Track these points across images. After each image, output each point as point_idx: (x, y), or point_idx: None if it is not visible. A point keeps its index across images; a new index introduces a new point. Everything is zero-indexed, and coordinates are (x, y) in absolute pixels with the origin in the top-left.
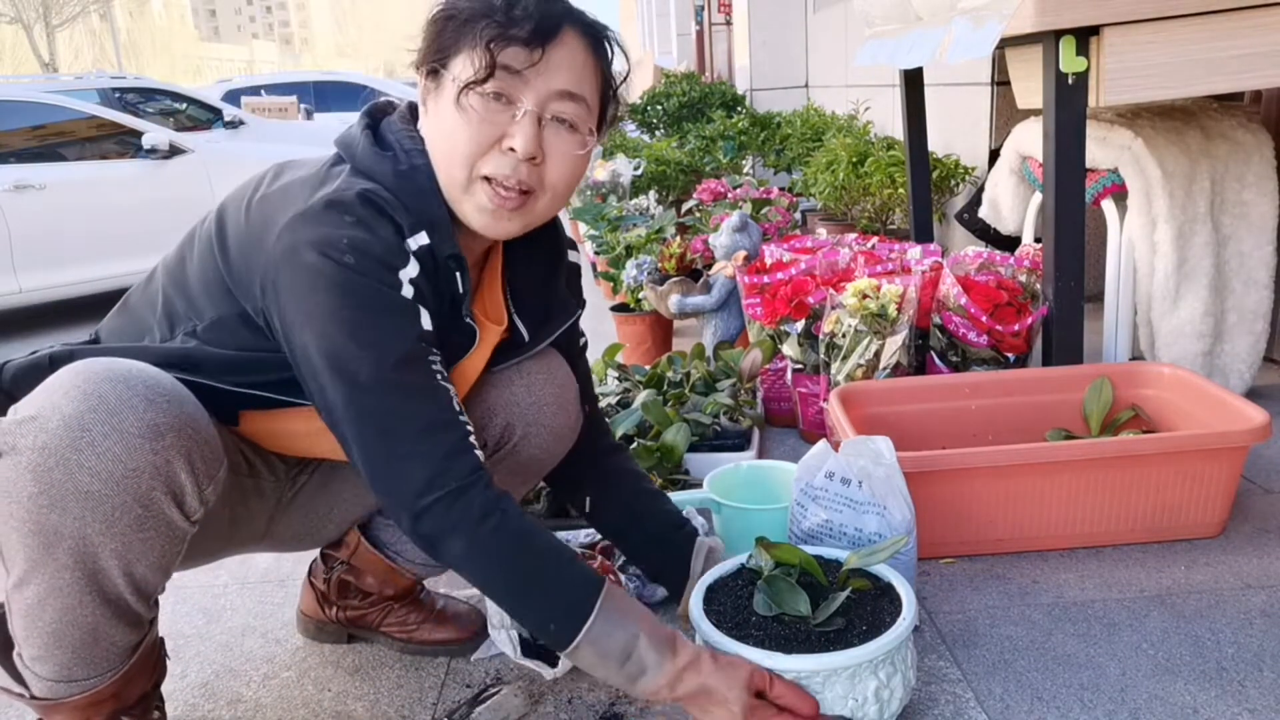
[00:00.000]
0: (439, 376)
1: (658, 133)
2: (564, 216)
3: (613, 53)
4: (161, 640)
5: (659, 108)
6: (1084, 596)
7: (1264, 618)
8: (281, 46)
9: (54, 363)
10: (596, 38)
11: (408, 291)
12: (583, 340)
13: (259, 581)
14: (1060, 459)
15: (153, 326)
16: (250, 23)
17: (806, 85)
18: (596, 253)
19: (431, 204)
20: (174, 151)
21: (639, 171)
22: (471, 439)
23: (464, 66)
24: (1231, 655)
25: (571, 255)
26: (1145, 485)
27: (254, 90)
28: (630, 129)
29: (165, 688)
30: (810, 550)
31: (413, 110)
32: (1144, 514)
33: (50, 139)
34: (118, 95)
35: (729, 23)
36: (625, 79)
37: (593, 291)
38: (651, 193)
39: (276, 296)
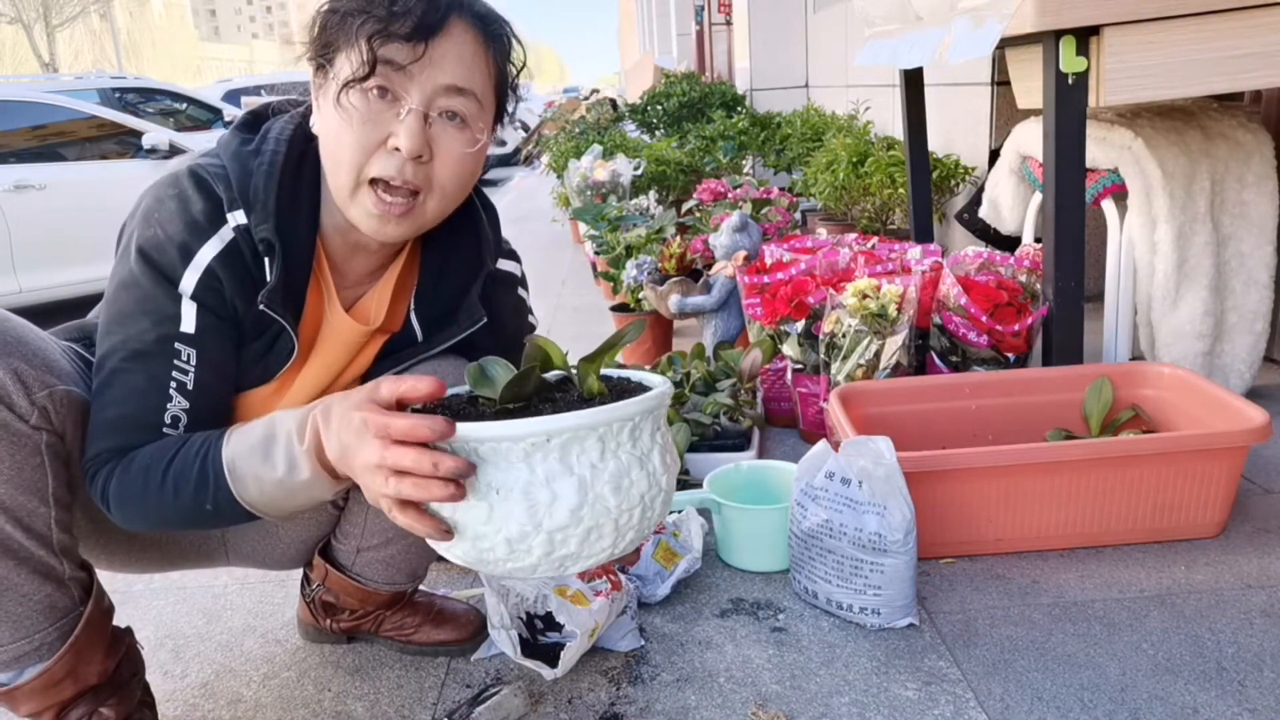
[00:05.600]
0: (171, 384)
1: (658, 133)
2: (564, 216)
3: (509, 43)
4: (128, 629)
5: (659, 108)
6: (1084, 596)
7: (1264, 618)
8: (281, 46)
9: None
10: (489, 28)
11: (187, 283)
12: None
13: (259, 581)
14: (1060, 459)
15: None
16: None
17: (806, 85)
18: (596, 253)
19: (258, 184)
20: (174, 151)
21: (639, 171)
22: (166, 418)
23: (344, 64)
24: (1231, 655)
25: (505, 265)
26: (1145, 485)
27: (254, 90)
28: (630, 129)
29: (165, 688)
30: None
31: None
32: (1144, 514)
33: (50, 139)
34: (118, 95)
35: (729, 23)
36: (521, 70)
37: (593, 291)
38: (651, 193)
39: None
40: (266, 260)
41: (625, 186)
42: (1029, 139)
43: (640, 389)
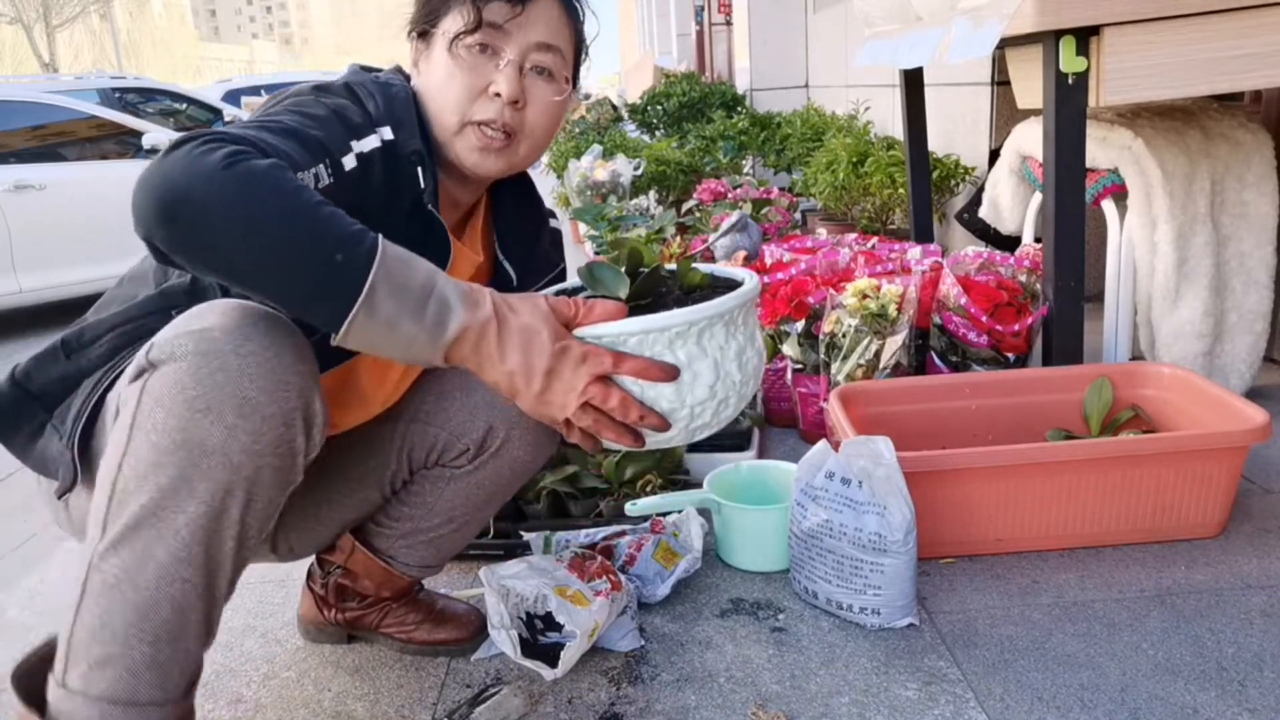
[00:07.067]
0: (319, 164)
1: (658, 133)
2: (564, 216)
3: (584, 13)
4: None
5: (659, 108)
6: (1084, 596)
7: (1264, 618)
8: (281, 46)
9: (65, 345)
10: (570, 2)
11: (350, 161)
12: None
13: (259, 582)
14: (1060, 459)
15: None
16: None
17: (806, 85)
18: (597, 253)
19: (401, 107)
20: None
21: (639, 171)
22: (296, 174)
23: (453, 21)
24: (1231, 655)
25: (552, 221)
26: (1145, 485)
27: (254, 90)
28: (630, 129)
29: None
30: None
31: (399, 70)
32: (1144, 514)
33: (50, 139)
34: (118, 95)
35: (729, 23)
36: (596, 38)
37: None
38: (651, 193)
39: None
40: (420, 170)
41: (625, 186)
42: (1029, 139)
43: (728, 281)
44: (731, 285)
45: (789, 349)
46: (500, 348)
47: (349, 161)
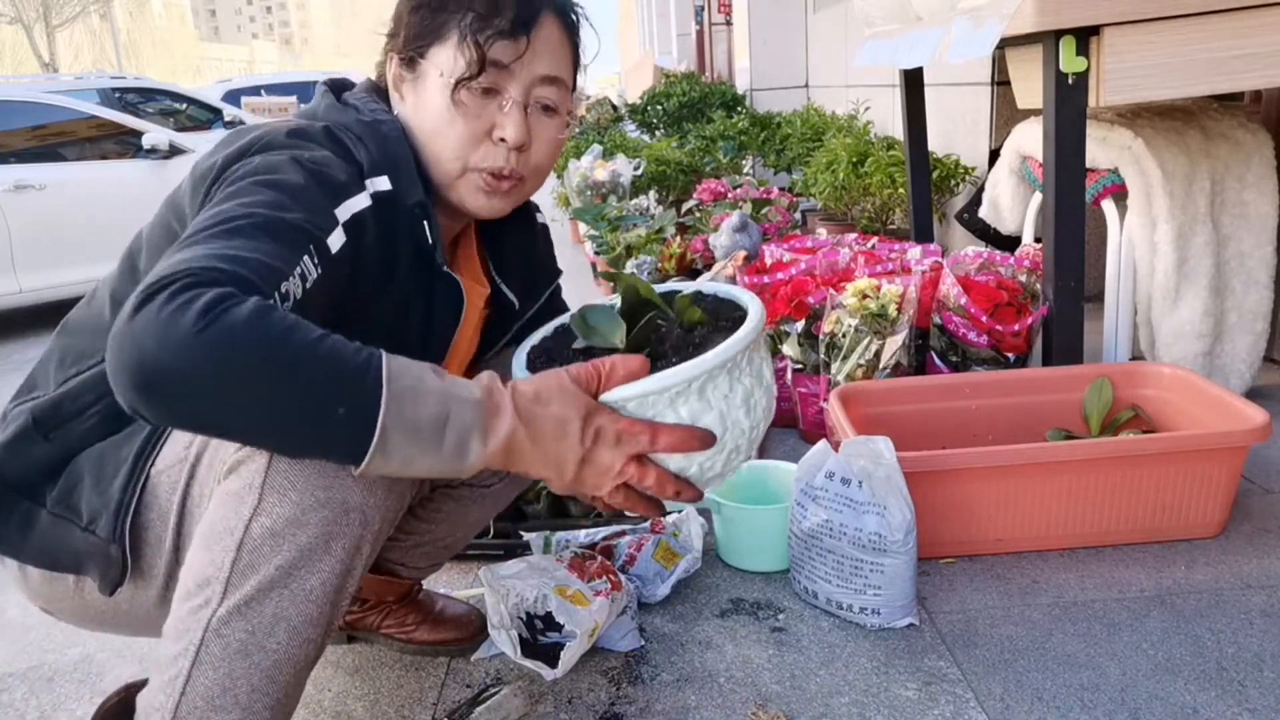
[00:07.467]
0: (298, 266)
1: (658, 133)
2: (564, 216)
3: (580, 27)
4: None
5: (659, 108)
6: (1084, 596)
7: (1264, 618)
8: (281, 46)
9: (38, 425)
10: (569, 17)
11: (344, 213)
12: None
13: None
14: (1060, 459)
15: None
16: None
17: (806, 85)
18: (596, 253)
19: (396, 150)
20: (174, 151)
21: (639, 171)
22: (280, 289)
23: (450, 60)
24: (1231, 655)
25: (539, 218)
26: (1145, 485)
27: (254, 90)
28: (630, 129)
29: None
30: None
31: (375, 88)
32: (1144, 514)
33: (50, 139)
34: (118, 95)
35: (729, 23)
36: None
37: (593, 292)
38: (651, 193)
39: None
40: (426, 224)
41: (625, 186)
42: (1029, 139)
43: (731, 305)
44: (733, 313)
45: (789, 349)
46: (532, 450)
47: (336, 240)
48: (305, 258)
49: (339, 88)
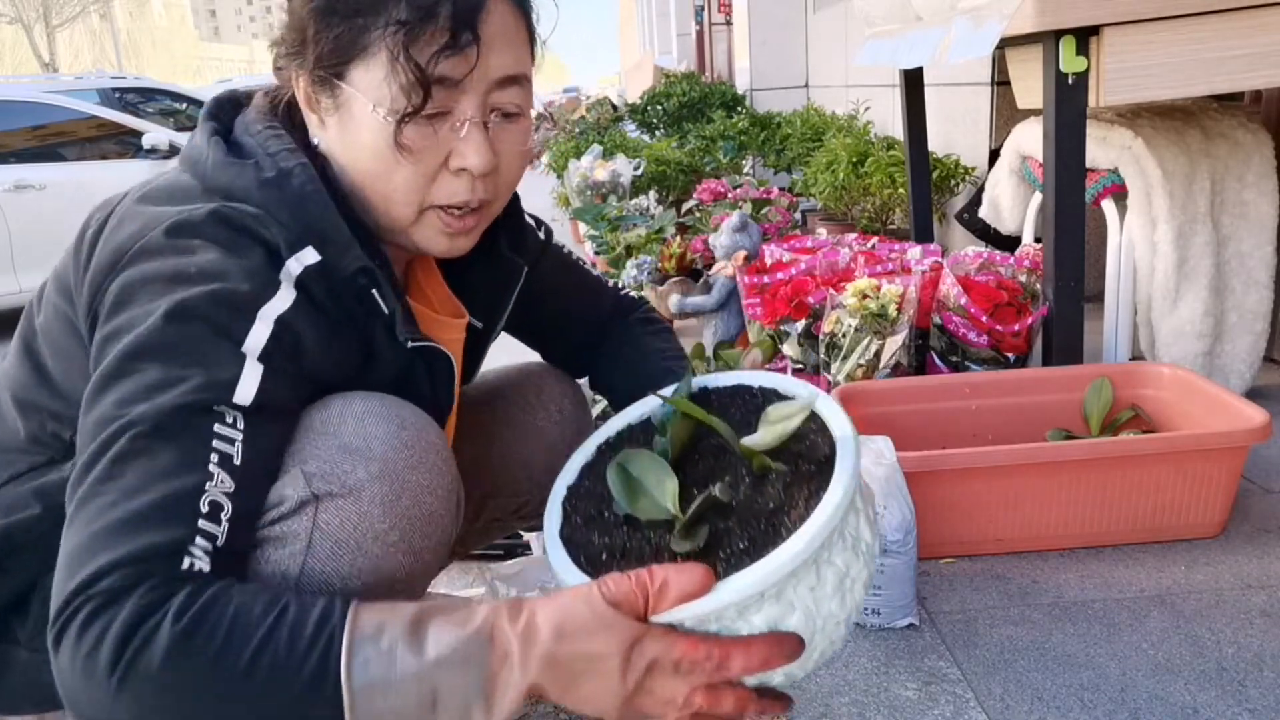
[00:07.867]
0: (211, 456)
1: (658, 133)
2: (564, 216)
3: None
4: None
5: (659, 108)
6: (1084, 596)
7: (1264, 618)
8: None
9: (20, 643)
10: None
11: (254, 339)
12: (567, 252)
13: None
14: (1060, 459)
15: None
16: (250, 23)
17: (806, 85)
18: (597, 253)
19: (315, 210)
20: (174, 151)
21: (639, 171)
22: (193, 547)
23: (381, 85)
24: (1231, 655)
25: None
26: (1145, 485)
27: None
28: (630, 129)
29: None
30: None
31: (272, 102)
32: (1144, 514)
33: (50, 139)
34: (118, 95)
35: (729, 23)
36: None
37: None
38: (651, 193)
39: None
40: (375, 292)
41: (625, 186)
42: (1029, 139)
43: (801, 433)
44: (805, 442)
45: (789, 349)
46: (563, 694)
47: (249, 382)
48: (215, 440)
49: (228, 114)
